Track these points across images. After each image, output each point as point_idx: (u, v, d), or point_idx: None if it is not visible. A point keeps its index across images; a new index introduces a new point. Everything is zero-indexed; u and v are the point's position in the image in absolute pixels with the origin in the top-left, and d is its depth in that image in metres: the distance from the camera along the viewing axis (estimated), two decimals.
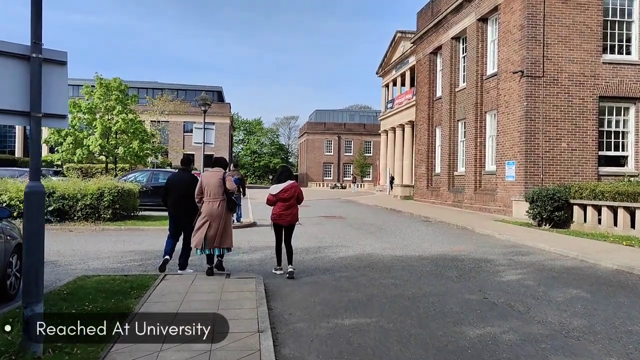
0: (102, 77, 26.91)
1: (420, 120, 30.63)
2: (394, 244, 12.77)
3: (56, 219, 14.71)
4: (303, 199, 9.03)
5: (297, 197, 8.84)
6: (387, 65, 50.16)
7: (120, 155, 26.54)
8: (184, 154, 9.46)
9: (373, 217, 20.75)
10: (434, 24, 27.58)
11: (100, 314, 5.42)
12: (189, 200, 8.33)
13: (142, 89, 58.30)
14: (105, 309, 5.92)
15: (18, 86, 4.35)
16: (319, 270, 9.25)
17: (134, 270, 9.04)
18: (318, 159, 75.62)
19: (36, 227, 4.38)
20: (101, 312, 5.71)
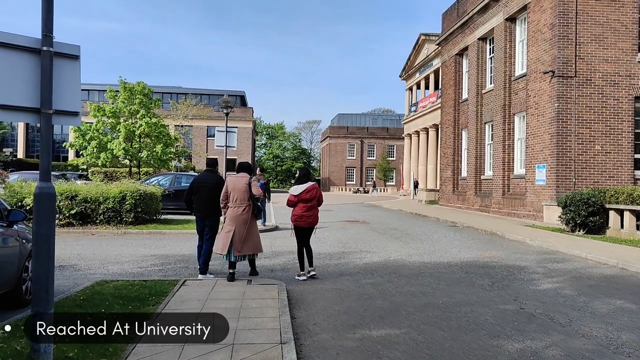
0: (126, 81, 27.05)
1: (445, 123, 30.04)
2: (420, 250, 12.33)
3: (78, 222, 14.65)
4: (323, 200, 8.95)
5: (318, 198, 8.75)
6: (410, 68, 49.62)
7: (144, 159, 26.59)
8: (208, 158, 9.33)
9: (398, 222, 20.28)
10: (460, 25, 27.03)
11: (114, 322, 5.15)
12: (215, 201, 8.30)
13: (167, 93, 58.88)
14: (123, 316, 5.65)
15: (28, 81, 4.10)
16: (344, 277, 8.89)
17: (154, 275, 8.82)
18: (340, 163, 75.18)
19: (46, 231, 4.12)
20: (117, 316, 5.46)
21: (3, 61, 4.00)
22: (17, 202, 14.61)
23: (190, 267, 9.58)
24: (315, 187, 8.77)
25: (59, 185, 15.05)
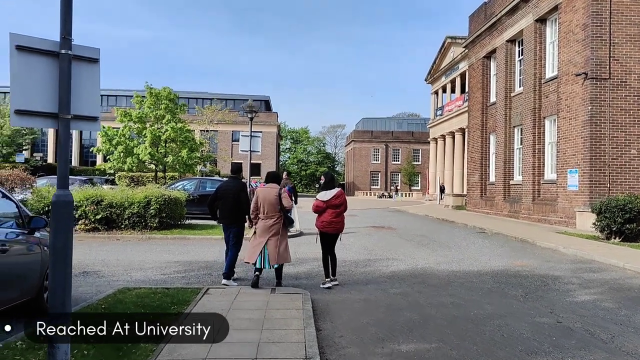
0: (152, 87, 27.28)
1: (473, 127, 29.48)
2: (449, 258, 11.96)
3: (104, 227, 14.70)
4: (347, 207, 8.80)
5: (345, 204, 8.63)
6: (436, 71, 49.04)
7: (169, 164, 26.75)
8: (233, 163, 9.29)
9: (425, 228, 19.88)
10: (488, 27, 26.50)
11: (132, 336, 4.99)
12: (238, 207, 8.31)
13: (192, 99, 59.45)
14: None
15: (46, 86, 3.98)
16: (370, 286, 8.62)
17: (177, 282, 8.70)
18: (365, 167, 74.74)
19: (63, 240, 3.98)
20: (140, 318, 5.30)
21: (20, 65, 3.89)
22: (44, 207, 14.72)
23: (213, 274, 9.43)
24: (342, 193, 8.66)
25: (85, 191, 15.14)
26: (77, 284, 8.23)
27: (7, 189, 14.56)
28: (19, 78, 3.87)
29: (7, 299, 5.21)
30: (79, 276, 8.94)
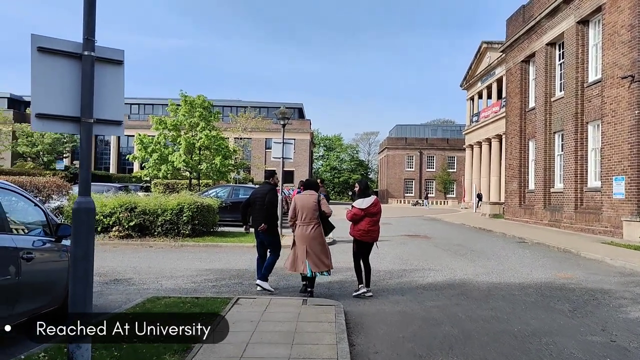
0: (187, 95, 27.54)
1: (510, 133, 28.65)
2: (488, 269, 11.45)
3: (137, 234, 14.74)
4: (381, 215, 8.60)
5: (381, 211, 8.44)
6: (471, 77, 48.17)
7: (203, 171, 26.90)
8: (266, 170, 9.29)
9: (461, 237, 19.29)
10: (526, 30, 25.75)
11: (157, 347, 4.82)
12: (266, 210, 8.36)
13: (227, 107, 60.08)
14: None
15: (68, 88, 3.84)
16: (406, 298, 8.25)
17: (207, 291, 8.53)
18: (399, 175, 73.91)
19: (84, 250, 3.80)
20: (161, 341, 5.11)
21: (42, 67, 3.76)
22: None
23: (244, 283, 9.24)
24: (378, 201, 8.49)
25: (119, 197, 15.24)
26: (108, 292, 8.16)
27: (44, 196, 14.80)
28: (41, 81, 3.74)
29: (32, 309, 5.10)
30: (110, 284, 8.88)
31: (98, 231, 14.83)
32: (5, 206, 4.90)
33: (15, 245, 4.71)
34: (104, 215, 14.67)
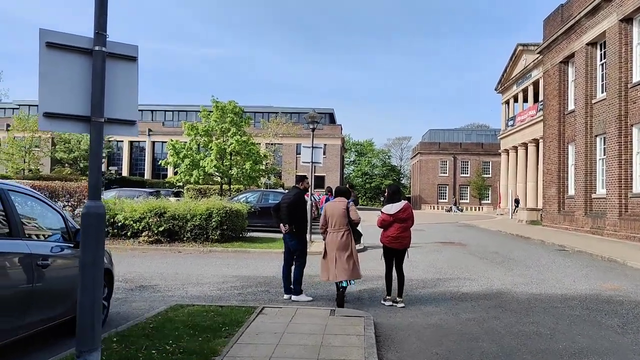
0: (218, 100, 27.63)
1: (548, 136, 27.67)
2: (527, 278, 10.86)
3: (166, 239, 14.68)
4: (414, 220, 8.29)
5: (412, 217, 8.13)
6: (507, 80, 47.06)
7: (234, 176, 26.89)
8: (297, 175, 9.15)
9: (498, 245, 18.58)
10: (565, 30, 24.84)
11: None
12: (292, 214, 8.23)
13: (258, 113, 60.33)
14: (188, 351, 5.04)
15: (77, 86, 3.62)
16: (440, 309, 7.80)
17: (233, 299, 8.28)
18: (432, 180, 72.76)
19: (93, 256, 3.56)
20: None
21: (50, 63, 3.54)
22: (109, 219, 14.94)
23: (271, 290, 8.96)
24: (409, 206, 8.15)
25: (149, 202, 15.22)
26: (132, 299, 8.00)
27: (75, 201, 14.90)
28: (49, 78, 3.53)
29: (46, 318, 4.91)
30: (135, 290, 8.73)
31: (128, 236, 14.84)
32: (21, 210, 4.74)
33: (30, 251, 4.53)
34: (134, 221, 14.67)
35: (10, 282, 4.25)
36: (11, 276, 4.29)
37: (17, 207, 4.58)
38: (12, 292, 4.25)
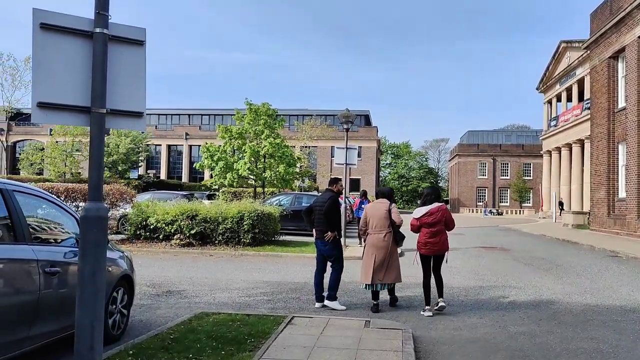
0: (252, 103, 27.44)
1: (597, 136, 26.29)
2: (580, 287, 10.02)
3: (198, 242, 14.42)
4: (453, 224, 7.72)
5: (445, 222, 7.56)
6: (549, 79, 45.36)
7: (268, 179, 26.62)
8: (331, 177, 8.72)
9: (543, 250, 17.58)
10: (614, 23, 23.53)
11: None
12: (326, 219, 7.83)
13: (292, 115, 60.09)
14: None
15: (76, 73, 3.22)
16: (486, 321, 7.14)
17: (262, 306, 7.83)
18: (471, 183, 71.02)
19: (93, 267, 3.15)
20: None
21: (45, 48, 3.15)
22: (141, 222, 14.80)
23: (302, 298, 8.48)
24: (441, 209, 7.56)
25: (181, 205, 15.01)
26: (157, 306, 7.65)
27: (108, 203, 14.80)
28: (44, 64, 3.15)
29: (59, 329, 4.55)
30: (162, 296, 8.39)
31: (160, 239, 14.66)
32: (28, 213, 4.40)
33: (36, 257, 4.17)
34: (166, 223, 14.48)
35: (11, 291, 3.89)
36: (13, 284, 3.94)
37: (23, 209, 4.23)
38: (14, 302, 3.89)
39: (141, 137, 46.99)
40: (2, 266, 3.84)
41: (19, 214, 4.14)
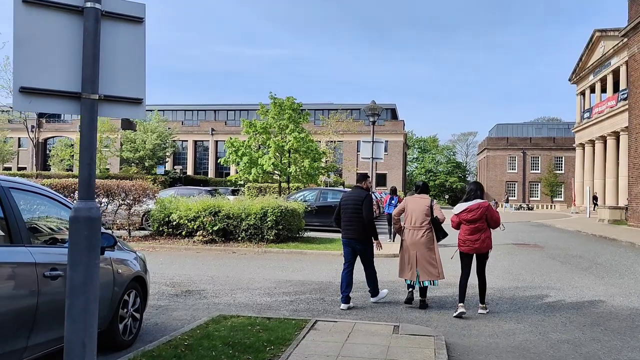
0: (276, 97, 27.08)
1: (635, 127, 25.13)
2: (624, 288, 9.35)
3: (221, 239, 14.13)
4: (498, 221, 7.34)
5: (487, 219, 7.22)
6: (582, 70, 43.83)
7: (293, 174, 26.25)
8: (358, 172, 8.36)
9: (580, 247, 16.76)
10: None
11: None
12: (360, 220, 7.48)
13: (318, 110, 59.59)
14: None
15: (64, 54, 2.84)
16: (524, 327, 6.60)
17: (283, 307, 7.44)
18: (500, 177, 69.40)
19: (84, 275, 2.76)
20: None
21: (29, 25, 2.77)
22: (164, 218, 14.59)
23: (326, 299, 8.06)
24: (482, 206, 7.20)
25: (203, 201, 14.73)
26: (174, 307, 7.32)
27: (131, 199, 14.63)
28: (27, 44, 2.77)
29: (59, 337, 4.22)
30: (180, 296, 8.07)
31: (182, 235, 14.43)
32: (26, 212, 4.07)
33: (34, 260, 3.83)
34: (189, 220, 14.23)
35: (6, 298, 3.55)
36: (8, 290, 3.60)
37: (20, 208, 3.90)
38: (9, 309, 3.55)
39: (167, 133, 47.17)
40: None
41: (14, 213, 3.81)
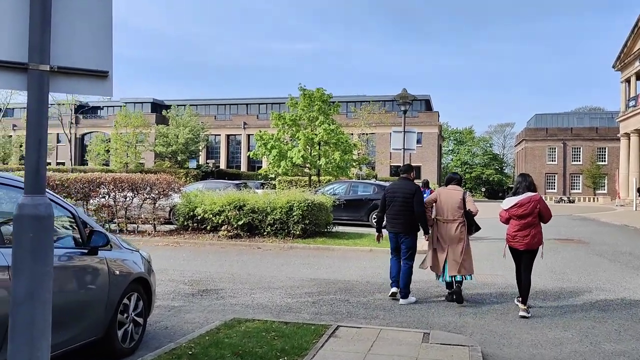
0: (306, 88, 26.55)
1: None
2: None
3: (246, 234, 13.70)
4: (549, 216, 7.01)
5: (539, 214, 6.86)
6: (627, 56, 41.69)
7: (323, 167, 25.71)
8: (404, 165, 8.07)
9: (629, 242, 15.64)
10: None
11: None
12: (411, 214, 7.33)
13: (350, 102, 58.73)
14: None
15: (5, 16, 2.32)
16: (571, 335, 5.88)
17: (305, 310, 6.90)
18: (539, 169, 67.04)
19: (28, 285, 2.24)
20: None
21: None
22: (189, 212, 14.27)
23: (351, 300, 7.48)
24: (533, 200, 6.84)
25: (228, 195, 14.31)
26: (188, 308, 6.85)
27: (155, 193, 14.36)
28: None
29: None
30: (196, 296, 7.62)
31: (207, 230, 14.08)
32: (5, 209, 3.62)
33: (7, 263, 3.38)
34: (213, 214, 13.85)
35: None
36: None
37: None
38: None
39: (199, 127, 47.32)
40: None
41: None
